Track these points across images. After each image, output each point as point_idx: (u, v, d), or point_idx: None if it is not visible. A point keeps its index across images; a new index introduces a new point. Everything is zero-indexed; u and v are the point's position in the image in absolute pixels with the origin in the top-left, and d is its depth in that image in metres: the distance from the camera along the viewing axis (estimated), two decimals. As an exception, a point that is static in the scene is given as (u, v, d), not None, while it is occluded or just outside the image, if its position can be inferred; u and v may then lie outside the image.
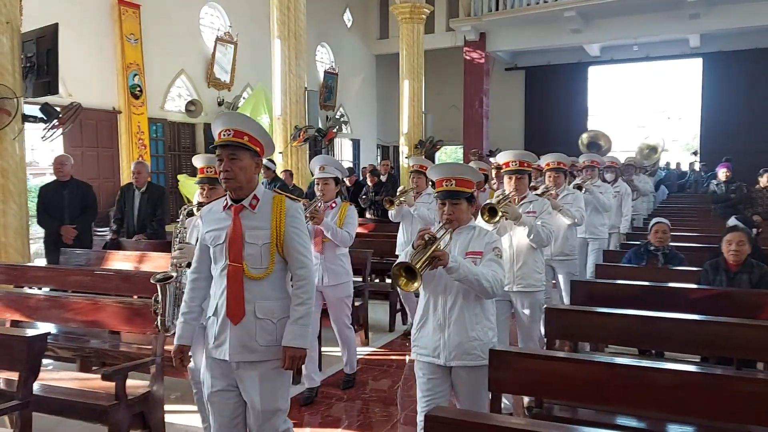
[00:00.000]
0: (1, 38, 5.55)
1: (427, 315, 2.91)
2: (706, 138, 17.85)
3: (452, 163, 3.10)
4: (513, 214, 3.90)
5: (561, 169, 5.44)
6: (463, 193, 2.92)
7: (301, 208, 2.70)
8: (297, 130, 10.43)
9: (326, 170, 4.40)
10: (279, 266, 2.61)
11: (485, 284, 2.70)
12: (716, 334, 3.31)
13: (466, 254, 2.85)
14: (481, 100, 18.11)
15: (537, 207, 4.11)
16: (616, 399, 2.68)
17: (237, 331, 2.55)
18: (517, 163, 4.13)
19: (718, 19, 15.05)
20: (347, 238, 4.31)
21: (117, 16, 10.63)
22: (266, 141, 2.66)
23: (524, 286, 4.01)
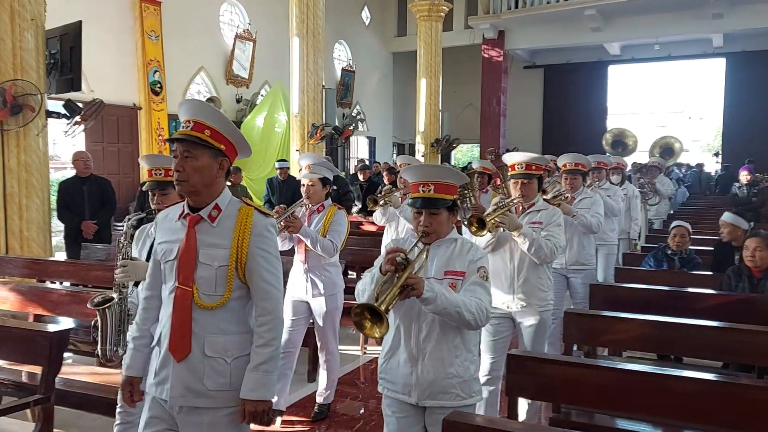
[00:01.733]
0: (26, 35, 5.63)
1: (397, 344, 2.46)
2: (728, 139, 17.64)
3: (431, 165, 2.70)
4: (512, 224, 3.45)
5: (579, 171, 5.02)
6: (443, 201, 2.44)
7: (273, 225, 2.22)
8: (314, 127, 10.47)
9: (313, 170, 3.94)
10: (238, 294, 2.14)
11: (467, 316, 2.28)
12: (737, 340, 3.27)
13: (445, 274, 2.42)
14: (499, 98, 18.02)
15: (545, 217, 3.63)
16: (634, 406, 2.66)
17: (180, 369, 2.09)
18: (524, 166, 3.68)
19: (742, 19, 14.84)
20: (330, 248, 3.80)
21: (138, 13, 10.74)
22: (236, 139, 2.19)
23: (527, 305, 3.55)
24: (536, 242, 3.44)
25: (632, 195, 7.10)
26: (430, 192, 2.45)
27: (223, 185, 2.20)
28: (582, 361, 2.98)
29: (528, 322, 3.56)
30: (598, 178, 6.21)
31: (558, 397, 2.94)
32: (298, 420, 4.02)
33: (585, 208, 4.86)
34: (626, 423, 3.04)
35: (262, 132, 12.45)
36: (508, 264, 3.60)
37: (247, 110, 13.22)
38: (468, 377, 2.43)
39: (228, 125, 2.17)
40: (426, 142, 15.53)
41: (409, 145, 19.86)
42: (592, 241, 5.02)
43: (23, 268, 5.30)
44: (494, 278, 3.36)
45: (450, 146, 16.25)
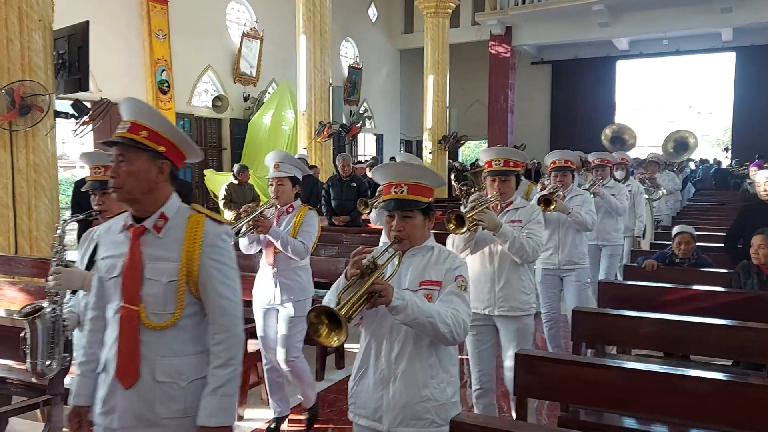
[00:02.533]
0: (34, 36, 5.66)
1: (366, 364, 2.23)
2: (738, 134, 17.53)
3: (404, 164, 2.46)
4: (491, 222, 3.23)
5: (568, 168, 4.84)
6: (418, 203, 2.23)
7: (228, 233, 2.04)
8: (321, 125, 10.48)
9: (281, 168, 3.73)
10: (192, 311, 1.96)
11: (442, 328, 2.03)
12: (746, 339, 3.25)
13: (420, 284, 2.20)
14: (506, 94, 17.97)
15: (524, 215, 3.45)
16: (644, 406, 2.64)
17: (129, 397, 1.91)
18: (502, 162, 3.49)
19: (751, 13, 14.73)
20: (301, 250, 3.61)
21: (145, 12, 10.76)
22: (179, 140, 2.00)
23: (507, 309, 3.37)
24: (517, 241, 3.27)
25: (636, 191, 6.91)
26: (402, 193, 2.23)
27: (169, 191, 2.00)
28: (590, 360, 2.97)
29: (509, 327, 3.39)
30: (601, 175, 6.03)
31: (566, 397, 2.94)
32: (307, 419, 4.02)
33: (577, 205, 4.71)
34: (635, 422, 3.04)
35: (270, 130, 12.47)
36: (488, 266, 3.43)
37: (254, 108, 13.25)
38: (444, 400, 2.18)
39: (169, 126, 1.99)
40: (433, 139, 15.51)
41: (417, 142, 19.83)
42: (584, 239, 4.85)
43: (32, 268, 5.33)
44: (474, 281, 3.23)
45: (457, 143, 16.22)
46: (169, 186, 2.00)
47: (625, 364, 2.86)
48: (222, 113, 12.67)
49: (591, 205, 4.79)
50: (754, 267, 4.15)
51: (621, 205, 5.88)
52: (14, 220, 5.72)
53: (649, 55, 18.96)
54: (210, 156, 12.68)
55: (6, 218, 5.63)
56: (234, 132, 13.09)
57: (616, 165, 6.69)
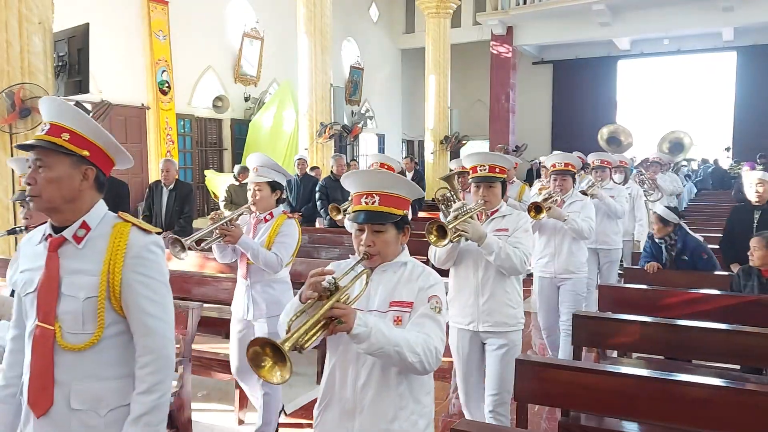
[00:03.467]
0: (34, 38, 5.65)
1: (331, 393, 2.05)
2: (739, 133, 17.50)
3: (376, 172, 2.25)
4: (475, 233, 3.03)
5: (568, 172, 4.65)
6: (391, 216, 2.04)
7: (156, 243, 1.82)
8: (322, 126, 10.47)
9: (260, 172, 3.48)
10: (115, 330, 1.76)
11: (411, 358, 1.83)
12: (746, 343, 3.25)
13: (390, 304, 2.01)
14: (508, 94, 17.96)
15: (510, 223, 3.24)
16: (644, 411, 2.65)
17: (42, 427, 1.73)
18: (487, 168, 3.29)
19: (753, 12, 14.69)
20: (274, 262, 3.34)
21: (146, 12, 10.75)
22: (105, 142, 1.81)
23: (492, 324, 3.17)
24: (503, 252, 3.05)
25: (636, 194, 6.78)
26: (374, 204, 2.03)
27: (94, 199, 1.81)
28: (590, 366, 2.96)
29: (495, 343, 3.19)
30: (601, 177, 5.90)
31: (566, 403, 2.94)
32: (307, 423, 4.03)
33: (575, 211, 4.49)
34: (635, 427, 3.03)
35: (271, 130, 12.47)
36: (472, 278, 3.22)
37: (255, 109, 13.24)
38: None
39: (94, 128, 1.79)
40: (435, 139, 15.51)
41: (419, 141, 19.83)
42: (582, 247, 4.65)
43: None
44: (458, 294, 3.23)
45: (459, 143, 16.21)
46: (96, 194, 1.82)
47: (625, 369, 2.86)
48: (223, 113, 12.67)
49: (590, 211, 4.56)
50: (755, 270, 4.14)
51: (620, 208, 5.74)
52: (15, 223, 5.72)
53: (650, 55, 18.93)
54: (211, 156, 12.68)
55: (6, 221, 5.62)
56: (235, 132, 13.09)
57: (615, 168, 6.57)
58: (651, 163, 8.73)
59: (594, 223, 4.58)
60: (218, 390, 4.54)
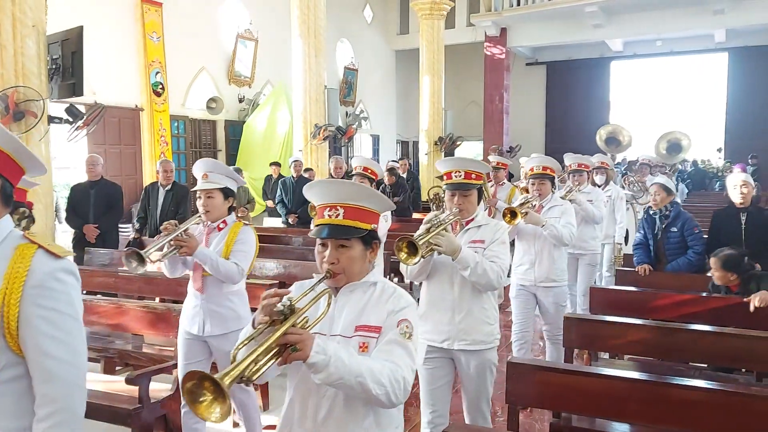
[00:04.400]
0: (28, 42, 5.65)
1: (290, 426, 1.88)
2: (731, 134, 17.61)
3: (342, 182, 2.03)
4: (449, 246, 2.79)
5: (546, 176, 4.44)
6: (356, 230, 1.87)
7: (66, 270, 1.52)
8: (317, 128, 10.48)
9: (211, 179, 3.27)
10: (9, 375, 1.47)
11: (375, 390, 1.66)
12: (736, 346, 3.29)
13: (356, 329, 1.84)
14: (502, 95, 18.01)
15: (487, 233, 3.02)
16: (636, 414, 2.68)
17: None
18: (462, 174, 3.02)
19: (744, 14, 14.79)
20: (234, 273, 3.16)
21: (140, 14, 10.75)
22: (14, 148, 1.57)
23: (469, 343, 2.97)
24: (479, 267, 2.83)
25: (616, 197, 6.60)
26: (338, 217, 1.86)
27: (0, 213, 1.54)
28: (582, 368, 3.00)
29: (470, 362, 2.99)
30: (578, 181, 5.75)
31: (558, 405, 2.96)
32: None
33: (555, 217, 4.31)
34: (626, 429, 3.07)
35: (265, 132, 12.49)
36: (447, 294, 3.00)
37: (249, 110, 13.25)
38: None
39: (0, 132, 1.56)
40: (429, 141, 15.54)
41: (413, 142, 19.86)
42: (563, 254, 4.47)
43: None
44: (431, 310, 3.04)
45: (453, 144, 16.24)
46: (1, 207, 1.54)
47: (616, 372, 2.89)
48: (217, 115, 12.67)
49: (570, 217, 4.37)
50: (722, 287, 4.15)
51: (598, 213, 5.62)
52: (8, 225, 5.71)
53: (642, 56, 19.02)
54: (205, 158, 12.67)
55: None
56: (229, 134, 13.09)
57: (595, 169, 6.47)
58: (640, 165, 8.70)
59: (575, 229, 4.41)
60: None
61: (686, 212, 4.96)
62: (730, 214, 4.64)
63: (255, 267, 5.93)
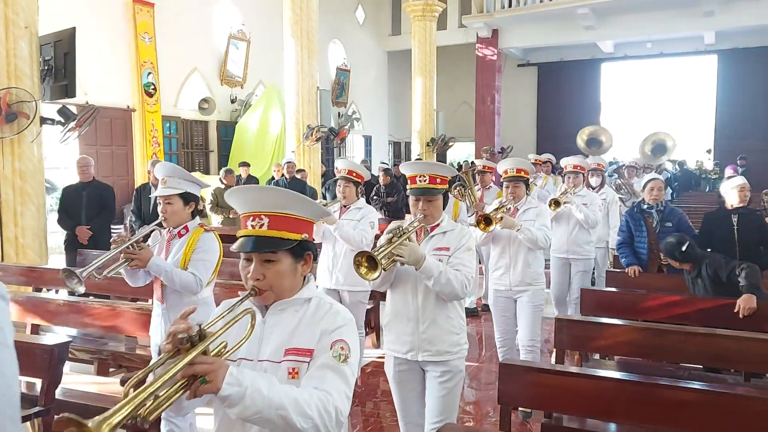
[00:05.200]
0: (20, 43, 5.64)
1: None
2: (721, 136, 17.75)
3: (267, 188, 1.77)
4: (412, 256, 2.65)
5: (521, 179, 4.33)
6: (283, 242, 1.69)
7: None
8: (309, 129, 10.49)
9: (169, 183, 3.12)
10: None
11: (301, 423, 1.47)
12: (725, 347, 3.33)
13: (286, 352, 1.66)
14: (493, 96, 18.07)
15: (452, 240, 2.89)
16: (626, 414, 2.72)
17: None
18: (427, 178, 2.89)
19: (733, 17, 14.92)
20: (191, 284, 3.03)
21: (131, 14, 10.72)
22: None
23: (434, 353, 2.84)
24: (443, 276, 2.71)
25: (611, 200, 6.45)
26: (262, 228, 1.68)
27: None
28: (574, 370, 3.04)
29: (437, 371, 2.87)
30: (574, 183, 5.65)
31: (549, 406, 3.00)
32: None
33: (530, 220, 4.21)
34: (616, 429, 3.11)
35: (257, 132, 12.48)
36: (411, 303, 2.87)
37: (241, 111, 13.24)
38: None
39: None
40: (422, 141, 15.58)
41: (405, 143, 19.91)
42: (539, 258, 4.35)
43: (19, 276, 5.33)
44: (395, 320, 2.93)
45: (445, 145, 16.29)
46: None
47: (606, 373, 2.94)
48: (209, 116, 12.66)
49: (545, 219, 4.29)
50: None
51: (593, 217, 5.51)
52: (0, 227, 5.70)
53: (633, 58, 19.15)
54: (197, 159, 12.67)
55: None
56: (221, 134, 13.08)
57: (591, 171, 6.33)
58: (627, 167, 8.59)
59: (550, 231, 4.34)
60: (206, 394, 4.56)
61: (677, 210, 5.00)
62: (722, 216, 4.67)
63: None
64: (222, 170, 9.07)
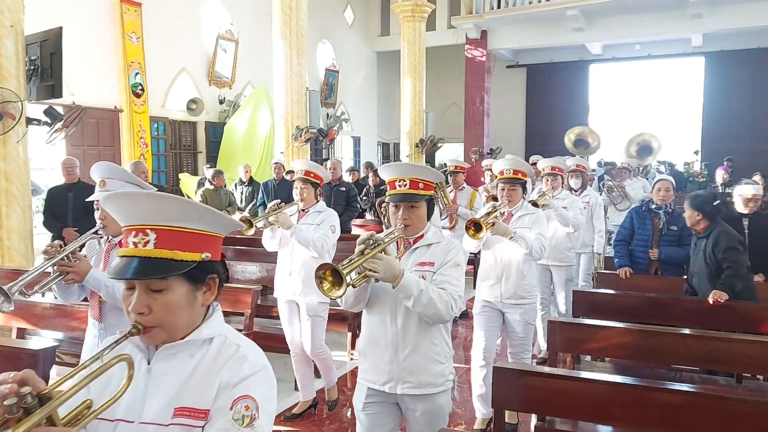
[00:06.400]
0: (6, 42, 5.57)
1: None
2: (708, 137, 17.89)
3: (151, 195, 1.37)
4: (388, 271, 2.25)
5: (518, 181, 3.96)
6: (179, 264, 1.31)
7: None
8: (298, 130, 10.45)
9: (109, 186, 2.81)
10: None
11: None
12: (716, 349, 3.33)
13: (175, 413, 1.29)
14: (482, 98, 18.11)
15: (437, 254, 2.54)
16: (619, 417, 2.71)
17: None
18: (408, 183, 2.54)
19: (721, 19, 15.06)
20: None
21: (118, 14, 10.63)
22: None
23: (414, 385, 2.48)
24: (424, 296, 2.33)
25: (595, 203, 6.08)
26: (147, 246, 1.30)
27: None
28: (568, 373, 3.02)
29: (418, 409, 2.50)
30: (553, 186, 5.35)
31: (543, 409, 2.99)
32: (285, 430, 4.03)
33: (525, 227, 3.87)
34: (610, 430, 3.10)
35: (246, 133, 12.41)
36: (390, 326, 2.50)
37: (230, 111, 13.17)
38: None
39: None
40: (411, 142, 15.57)
41: (394, 144, 19.89)
42: (533, 268, 4.02)
43: (4, 279, 5.22)
44: (372, 346, 2.56)
45: (434, 146, 16.30)
46: None
47: (599, 376, 2.93)
48: (197, 116, 12.57)
49: (542, 227, 3.93)
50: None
51: (574, 220, 5.21)
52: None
53: (621, 60, 19.26)
54: (185, 160, 12.57)
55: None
56: (209, 135, 13.00)
57: (571, 173, 6.08)
58: (619, 169, 8.39)
59: (547, 241, 4.00)
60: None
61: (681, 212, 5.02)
62: (731, 218, 4.68)
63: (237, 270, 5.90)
64: (209, 171, 9.02)
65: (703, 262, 4.12)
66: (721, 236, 4.04)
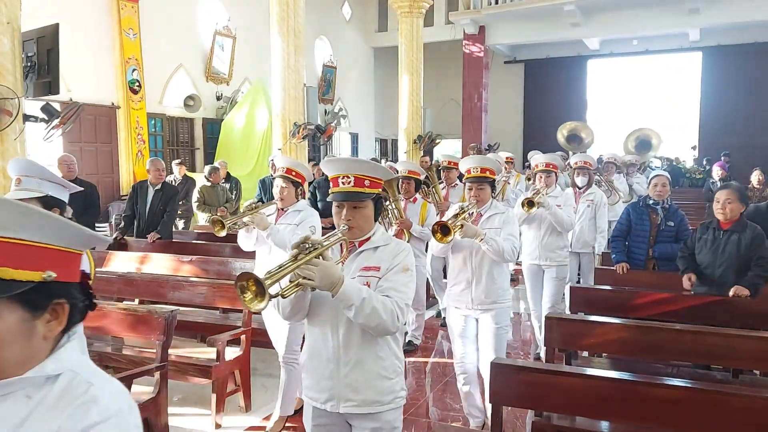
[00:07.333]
0: (2, 38, 5.55)
1: None
2: (705, 132, 17.93)
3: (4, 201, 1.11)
4: (325, 279, 2.02)
5: (486, 179, 3.73)
6: (4, 286, 1.05)
7: None
8: (296, 126, 10.43)
9: (25, 185, 2.60)
10: None
11: None
12: (713, 344, 3.35)
13: None
14: (480, 93, 18.10)
15: (384, 258, 2.30)
16: (616, 412, 2.73)
17: None
18: (352, 180, 2.29)
19: (718, 14, 15.07)
20: None
21: (116, 10, 10.61)
22: None
23: (359, 403, 2.24)
24: (366, 305, 2.09)
25: (599, 202, 5.88)
26: None
27: None
28: (565, 369, 3.04)
29: (365, 427, 2.28)
30: (546, 183, 5.09)
31: (540, 405, 3.00)
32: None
33: (495, 228, 3.65)
34: (607, 427, 3.12)
35: (243, 129, 12.41)
36: (331, 338, 2.25)
37: (227, 108, 13.16)
38: None
39: None
40: (408, 139, 15.55)
41: (392, 140, 19.88)
42: (505, 271, 3.81)
43: None
44: (314, 360, 2.32)
45: (432, 142, 16.28)
46: None
47: (597, 372, 2.94)
48: (194, 113, 12.56)
49: (513, 227, 3.71)
50: (715, 222, 4.21)
51: (568, 219, 4.97)
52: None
53: (619, 55, 19.27)
54: (183, 156, 12.55)
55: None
56: (207, 132, 13.00)
57: (577, 170, 5.91)
58: (606, 163, 8.11)
59: (518, 242, 3.77)
60: (194, 394, 4.53)
61: (680, 210, 5.02)
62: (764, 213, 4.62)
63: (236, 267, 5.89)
64: (206, 168, 9.01)
65: (734, 256, 4.07)
66: (759, 234, 4.04)
